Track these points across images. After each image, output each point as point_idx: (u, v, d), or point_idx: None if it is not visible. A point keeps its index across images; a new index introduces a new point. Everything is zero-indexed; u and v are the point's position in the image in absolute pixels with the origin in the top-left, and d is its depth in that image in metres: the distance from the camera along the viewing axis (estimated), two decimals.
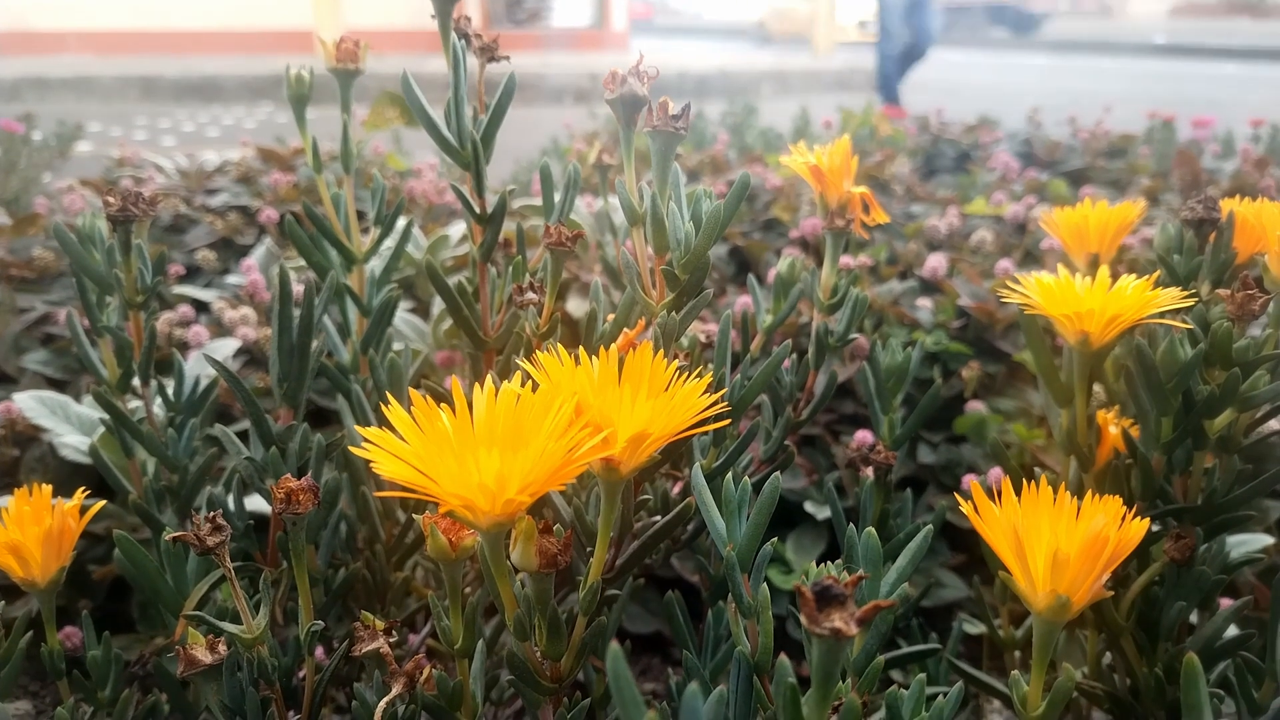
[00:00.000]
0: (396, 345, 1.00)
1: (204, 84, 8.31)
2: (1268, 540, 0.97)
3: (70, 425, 1.17)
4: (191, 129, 6.37)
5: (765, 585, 0.58)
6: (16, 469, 1.18)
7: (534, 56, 10.56)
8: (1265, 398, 0.70)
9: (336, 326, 0.96)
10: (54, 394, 1.22)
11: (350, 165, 0.93)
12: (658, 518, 0.72)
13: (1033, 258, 1.84)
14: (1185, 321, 0.71)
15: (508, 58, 0.86)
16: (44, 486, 0.70)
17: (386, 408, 0.48)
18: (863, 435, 1.12)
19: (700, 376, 0.53)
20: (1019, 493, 0.53)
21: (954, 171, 2.88)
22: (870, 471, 0.82)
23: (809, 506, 1.23)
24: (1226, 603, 0.78)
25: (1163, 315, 0.65)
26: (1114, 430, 0.79)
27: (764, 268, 1.82)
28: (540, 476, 0.46)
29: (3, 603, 0.75)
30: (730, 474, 0.59)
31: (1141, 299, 0.65)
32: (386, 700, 0.60)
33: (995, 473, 1.08)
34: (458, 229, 1.74)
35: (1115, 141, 3.07)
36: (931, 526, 0.62)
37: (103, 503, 0.76)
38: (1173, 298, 0.64)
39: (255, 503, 0.93)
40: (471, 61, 0.84)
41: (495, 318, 0.89)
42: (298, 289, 0.82)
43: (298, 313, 0.80)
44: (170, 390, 0.88)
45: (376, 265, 0.97)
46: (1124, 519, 0.51)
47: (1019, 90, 5.33)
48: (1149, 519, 0.53)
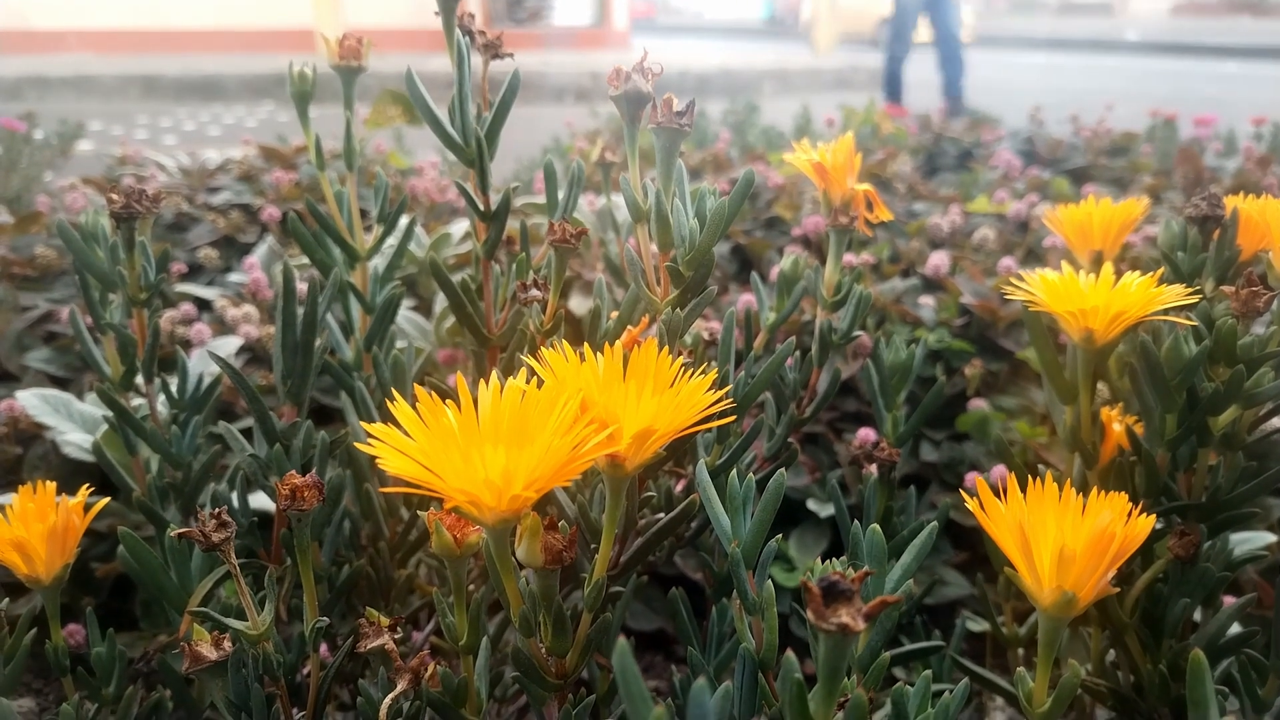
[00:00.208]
0: (399, 343, 1.00)
1: (205, 83, 8.31)
2: (1271, 538, 0.97)
3: (73, 423, 1.17)
4: (193, 127, 6.37)
5: (770, 582, 0.58)
6: (19, 467, 1.18)
7: (535, 55, 10.56)
8: (1269, 395, 0.70)
9: (339, 324, 0.96)
10: (57, 392, 1.22)
11: (353, 163, 0.93)
12: (661, 515, 0.72)
13: (1035, 255, 1.84)
14: (1189, 318, 0.71)
15: (511, 55, 0.86)
16: (47, 484, 0.70)
17: (391, 404, 0.48)
18: (866, 433, 1.12)
19: (704, 374, 0.53)
20: (1024, 490, 0.53)
21: (956, 169, 2.88)
22: (874, 469, 0.82)
23: (812, 504, 1.23)
24: (1230, 600, 0.78)
25: (1167, 312, 0.64)
26: (1118, 427, 0.79)
27: (766, 266, 1.82)
28: (546, 472, 0.46)
29: (7, 600, 0.75)
30: (734, 471, 0.59)
31: (1146, 296, 0.65)
32: (391, 697, 0.60)
33: (998, 470, 1.08)
34: (460, 227, 1.74)
35: (1117, 139, 3.07)
36: (936, 524, 0.62)
37: (106, 500, 0.76)
38: (1177, 295, 0.64)
39: (259, 500, 0.93)
40: (475, 59, 0.84)
41: (499, 315, 0.89)
42: (301, 287, 0.82)
43: (301, 310, 0.80)
44: (174, 387, 0.88)
45: (379, 263, 0.97)
46: (1129, 515, 0.51)
47: (1019, 88, 5.32)
48: (1154, 515, 0.53)
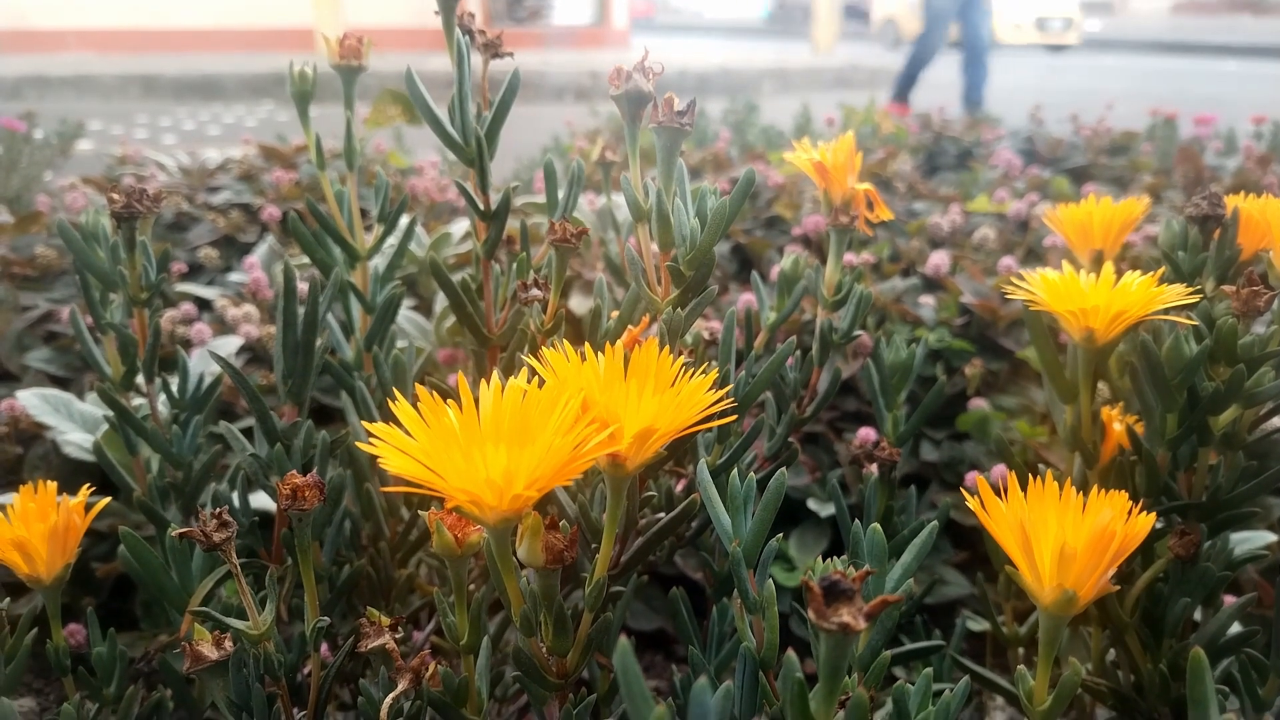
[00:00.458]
0: (400, 343, 1.00)
1: (205, 82, 8.31)
2: (1271, 537, 0.97)
3: (73, 423, 1.17)
4: (192, 127, 6.37)
5: (770, 581, 0.58)
6: (20, 467, 1.18)
7: (535, 54, 10.55)
8: (1270, 394, 0.70)
9: (340, 324, 0.96)
10: (57, 392, 1.22)
11: (354, 162, 0.93)
12: (662, 514, 0.73)
13: (1035, 255, 1.84)
14: (1190, 318, 0.71)
15: (511, 54, 0.86)
16: (48, 484, 0.70)
17: (393, 403, 0.48)
18: (866, 432, 1.12)
19: (705, 373, 0.53)
20: (1024, 489, 0.53)
21: (956, 169, 2.87)
22: (874, 468, 0.82)
23: (812, 504, 1.23)
24: (1230, 600, 0.78)
25: (1167, 311, 0.64)
26: (1118, 427, 0.79)
27: (766, 265, 1.82)
28: (547, 472, 0.46)
29: (8, 599, 0.75)
30: (735, 470, 0.59)
31: (1146, 295, 0.65)
32: (392, 696, 0.60)
33: (999, 470, 1.08)
34: (460, 226, 1.74)
35: (1117, 139, 3.07)
36: (936, 523, 0.62)
37: (107, 500, 0.76)
38: (1177, 294, 0.64)
39: (260, 500, 0.93)
40: (475, 58, 0.84)
41: (499, 315, 0.89)
42: (302, 286, 0.82)
43: (302, 310, 0.80)
44: (174, 387, 0.88)
45: (380, 262, 0.97)
46: (1129, 514, 0.51)
47: (1019, 87, 5.32)
48: (1154, 514, 0.53)
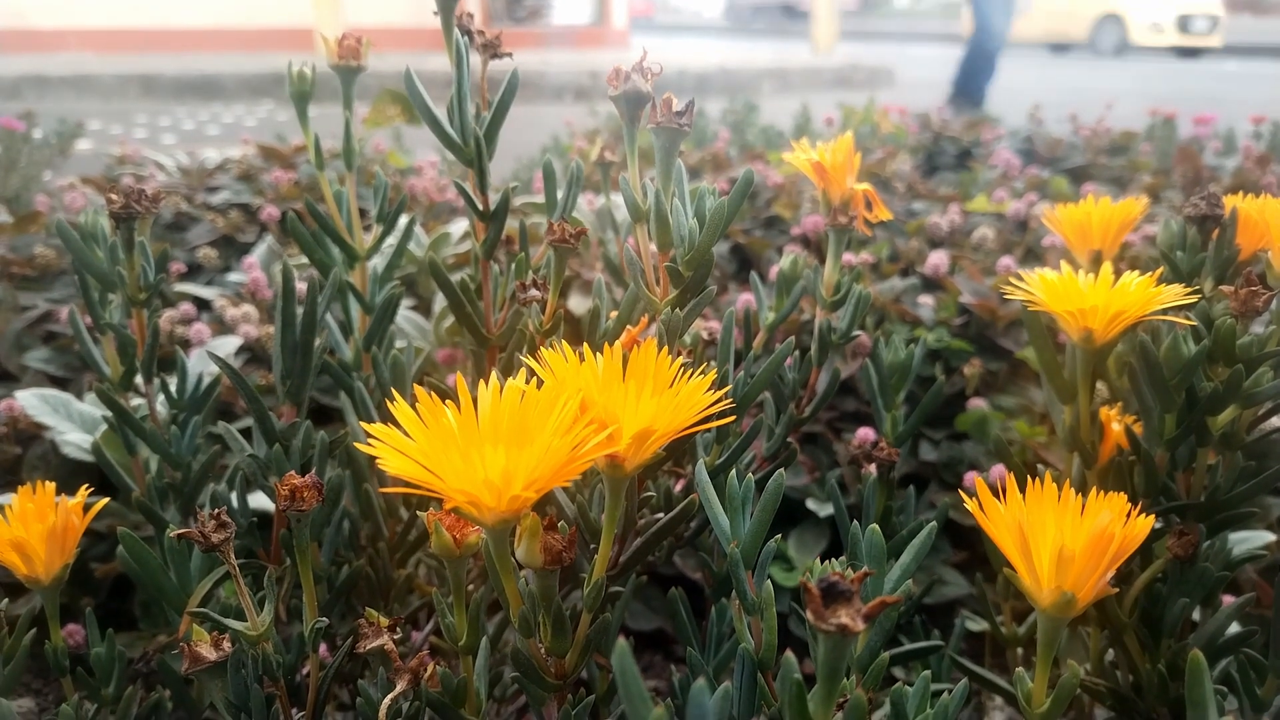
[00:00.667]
0: (399, 343, 1.00)
1: (204, 82, 8.30)
2: (1269, 537, 0.97)
3: (72, 423, 1.17)
4: (191, 127, 6.37)
5: (769, 582, 0.58)
6: (19, 467, 1.18)
7: (534, 54, 10.55)
8: (1268, 394, 0.70)
9: (339, 324, 0.96)
10: (56, 392, 1.22)
11: (353, 162, 0.93)
12: (660, 515, 0.72)
13: (1034, 255, 1.84)
14: (1188, 318, 0.71)
15: (510, 54, 0.86)
16: (47, 484, 0.70)
17: (391, 404, 0.48)
18: (865, 432, 1.12)
19: (703, 374, 0.53)
20: (1023, 489, 0.53)
21: (955, 169, 2.87)
22: (873, 468, 0.82)
23: (811, 504, 1.23)
24: (1229, 600, 0.78)
25: (1166, 312, 0.64)
26: (1117, 427, 0.79)
27: (765, 265, 1.82)
28: (546, 473, 0.45)
29: (6, 600, 0.75)
30: (733, 471, 0.59)
31: (1145, 295, 0.65)
32: (391, 697, 0.60)
33: (997, 470, 1.08)
34: (459, 226, 1.74)
35: (1116, 139, 3.07)
36: (935, 523, 0.62)
37: (105, 500, 0.76)
38: (1176, 294, 0.64)
39: (258, 500, 0.93)
40: (474, 58, 0.84)
41: (498, 315, 0.89)
42: (300, 286, 0.82)
43: (300, 310, 0.80)
44: (173, 387, 0.88)
45: (379, 263, 0.97)
46: (1128, 515, 0.51)
47: (1019, 86, 5.32)
48: (1153, 515, 0.53)
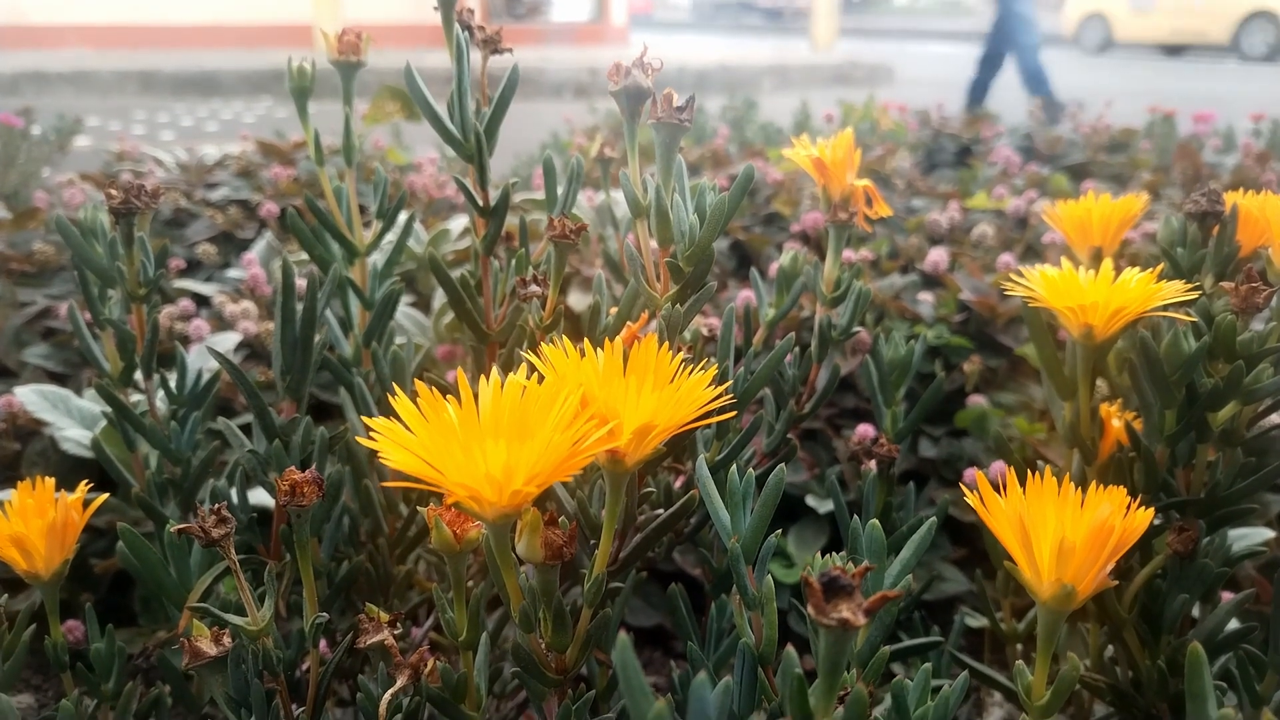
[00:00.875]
0: (398, 339, 1.00)
1: (202, 78, 8.29)
2: (1269, 534, 0.97)
3: (71, 419, 1.17)
4: (190, 123, 6.36)
5: (769, 577, 0.58)
6: (18, 463, 1.18)
7: (534, 51, 10.54)
8: (1268, 391, 0.70)
9: (338, 320, 0.96)
10: (55, 388, 1.22)
11: (353, 158, 0.93)
12: (661, 511, 0.73)
13: (1034, 252, 1.84)
14: (1189, 314, 0.71)
15: (510, 50, 0.86)
16: (46, 480, 0.70)
17: (392, 399, 0.48)
18: (865, 429, 1.12)
19: (704, 370, 0.53)
20: (1023, 485, 0.53)
21: (955, 166, 2.87)
22: (873, 465, 0.82)
23: (810, 500, 1.23)
24: (1228, 596, 0.78)
25: (1166, 308, 0.65)
26: (1117, 423, 0.79)
27: (765, 262, 1.82)
28: (547, 468, 0.45)
29: (6, 596, 0.75)
30: (734, 467, 0.59)
31: (1145, 292, 0.65)
32: (391, 692, 0.60)
33: (997, 466, 1.08)
34: (458, 223, 1.74)
35: (1116, 136, 3.07)
36: (934, 519, 0.62)
37: (105, 496, 0.76)
38: (1176, 291, 0.64)
39: (258, 496, 0.93)
40: (474, 55, 0.84)
41: (498, 311, 0.89)
42: (300, 282, 0.82)
43: (300, 306, 0.80)
44: (172, 383, 0.88)
45: (378, 259, 0.97)
46: (1128, 509, 0.51)
47: (1018, 85, 5.33)
48: (1152, 509, 0.53)
